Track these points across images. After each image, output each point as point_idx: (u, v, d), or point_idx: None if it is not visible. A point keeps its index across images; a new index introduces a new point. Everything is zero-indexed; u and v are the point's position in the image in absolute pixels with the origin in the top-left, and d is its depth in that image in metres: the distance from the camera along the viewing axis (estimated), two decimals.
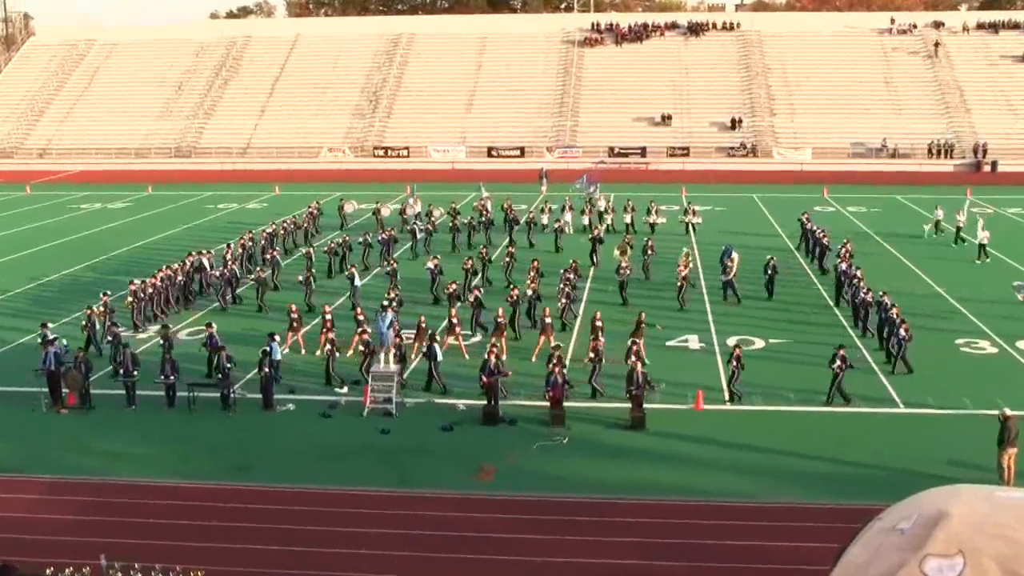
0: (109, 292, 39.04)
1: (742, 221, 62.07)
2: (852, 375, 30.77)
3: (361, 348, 32.15)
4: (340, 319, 36.03)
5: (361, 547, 21.24)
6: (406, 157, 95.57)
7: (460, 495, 23.82)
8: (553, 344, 32.08)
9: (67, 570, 18.92)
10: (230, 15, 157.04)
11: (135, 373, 30.12)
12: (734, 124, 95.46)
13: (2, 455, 26.67)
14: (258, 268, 44.18)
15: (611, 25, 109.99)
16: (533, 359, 33.63)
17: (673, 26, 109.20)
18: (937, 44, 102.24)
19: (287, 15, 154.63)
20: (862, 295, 37.37)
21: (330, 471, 25.31)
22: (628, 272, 42.07)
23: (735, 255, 43.05)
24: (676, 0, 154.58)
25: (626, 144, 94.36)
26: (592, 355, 30.79)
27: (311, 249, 47.83)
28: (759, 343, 36.12)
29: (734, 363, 29.98)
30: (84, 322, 35.85)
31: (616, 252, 44.74)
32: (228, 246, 47.82)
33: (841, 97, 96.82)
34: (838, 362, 29.52)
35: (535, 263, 42.40)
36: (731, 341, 34.58)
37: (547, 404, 28.63)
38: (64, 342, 32.55)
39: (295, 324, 35.63)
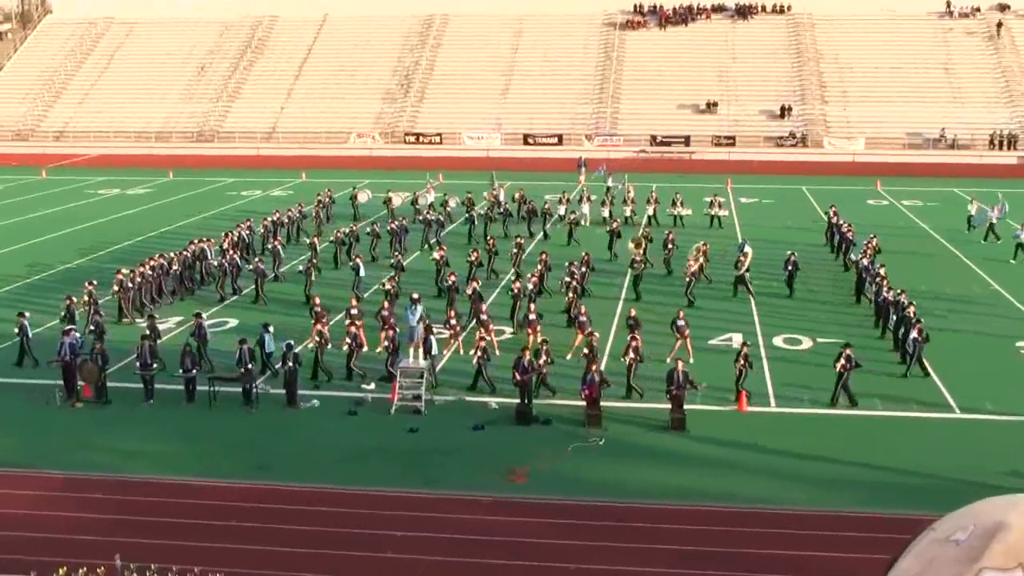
0: (95, 281, 38.16)
1: (789, 214, 60.75)
2: (911, 379, 30.62)
3: (348, 341, 31.15)
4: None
5: (386, 551, 20.77)
6: (439, 144, 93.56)
7: (490, 498, 23.24)
8: (540, 339, 31.32)
9: (81, 570, 18.55)
10: None
11: (153, 366, 29.57)
12: (783, 112, 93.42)
13: (14, 449, 26.26)
14: (257, 258, 43.24)
15: (654, 7, 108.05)
16: (568, 356, 32.67)
17: (720, 8, 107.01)
18: (1000, 26, 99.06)
19: None
20: (884, 294, 36.09)
21: (355, 471, 24.76)
22: (642, 266, 41.30)
23: (748, 249, 42.06)
24: None
25: (669, 132, 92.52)
26: (587, 351, 29.79)
27: (316, 239, 46.76)
28: (807, 342, 35.14)
29: (741, 362, 29.26)
30: (63, 312, 35.41)
31: (631, 244, 43.94)
32: (226, 235, 46.88)
33: (897, 84, 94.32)
34: (842, 361, 28.82)
35: (543, 256, 41.78)
36: (778, 340, 34.09)
37: (583, 403, 27.78)
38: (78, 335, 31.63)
39: (321, 317, 34.25)
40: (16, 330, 32.90)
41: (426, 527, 21.70)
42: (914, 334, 31.08)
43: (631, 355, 29.38)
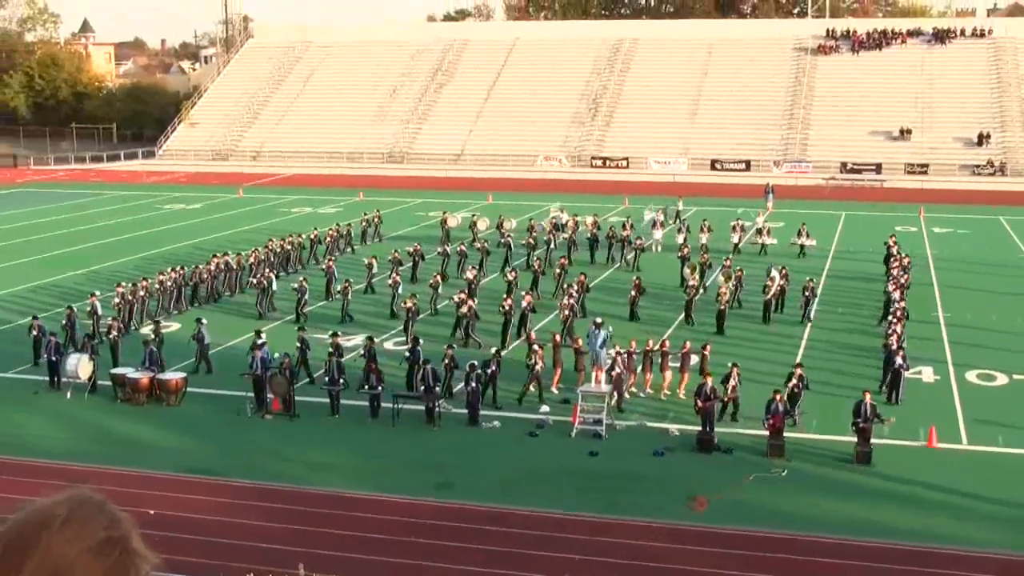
0: (98, 293, 39.68)
1: (985, 246, 58.60)
2: None
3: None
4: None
5: (564, 574, 20.63)
6: (625, 168, 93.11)
7: (670, 525, 22.97)
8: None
9: None
10: (447, 18, 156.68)
11: (341, 382, 30.19)
12: (981, 140, 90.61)
13: (206, 458, 27.08)
14: (302, 278, 42.96)
15: (847, 32, 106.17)
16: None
17: (916, 33, 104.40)
18: None
19: (505, 18, 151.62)
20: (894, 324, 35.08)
21: (535, 492, 24.76)
22: (695, 292, 41.24)
23: (774, 273, 41.59)
24: (920, 5, 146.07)
25: (860, 160, 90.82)
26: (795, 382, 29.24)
27: (373, 259, 46.76)
28: (1002, 378, 33.46)
29: (733, 381, 28.87)
30: (64, 320, 36.35)
31: (686, 270, 44.21)
32: (254, 250, 47.92)
33: None
34: (794, 380, 28.57)
35: (582, 278, 41.81)
36: (970, 375, 32.65)
37: (765, 433, 27.29)
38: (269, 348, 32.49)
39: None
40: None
41: (604, 551, 21.49)
42: (899, 360, 30.67)
43: (617, 369, 29.76)
